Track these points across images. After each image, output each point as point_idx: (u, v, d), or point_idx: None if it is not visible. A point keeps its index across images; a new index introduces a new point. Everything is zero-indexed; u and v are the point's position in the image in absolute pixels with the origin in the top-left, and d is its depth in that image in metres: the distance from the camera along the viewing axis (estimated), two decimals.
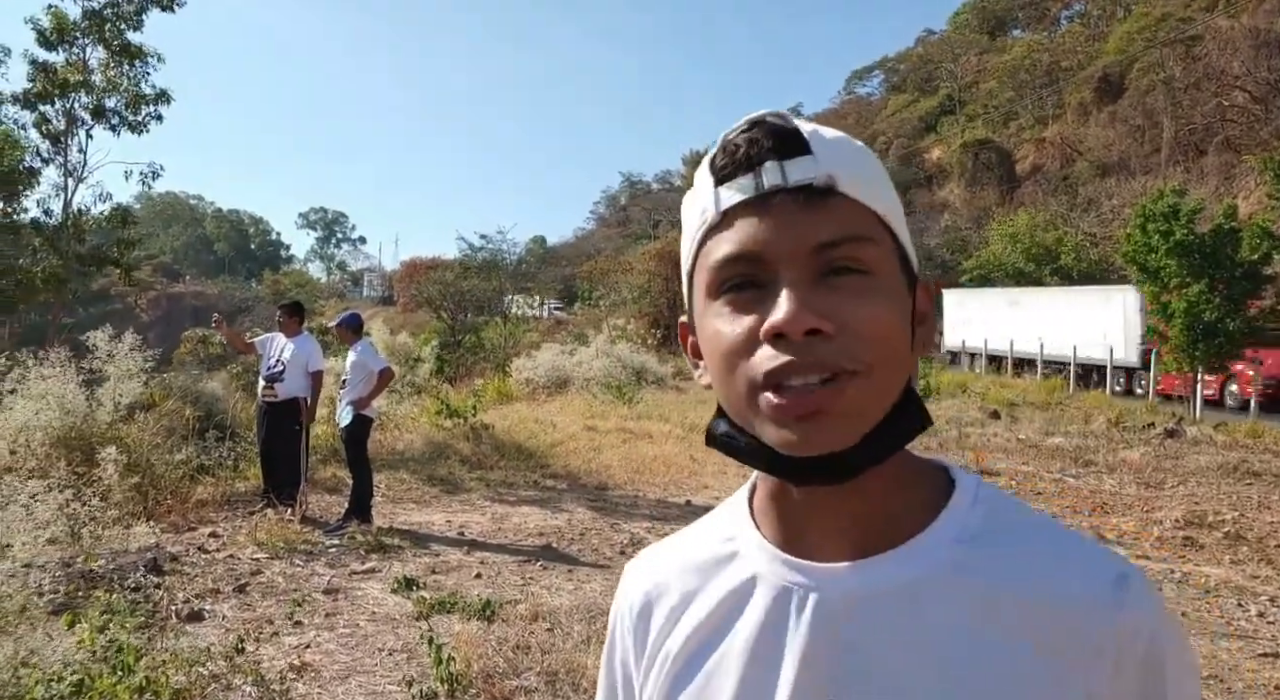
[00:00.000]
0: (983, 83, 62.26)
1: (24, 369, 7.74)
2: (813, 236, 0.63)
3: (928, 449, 11.55)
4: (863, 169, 0.67)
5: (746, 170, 0.65)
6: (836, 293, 0.63)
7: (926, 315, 0.71)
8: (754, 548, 0.73)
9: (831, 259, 0.63)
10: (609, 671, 0.83)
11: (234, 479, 8.38)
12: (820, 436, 0.62)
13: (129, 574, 5.28)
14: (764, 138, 0.65)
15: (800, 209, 0.64)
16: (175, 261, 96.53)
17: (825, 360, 0.61)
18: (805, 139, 0.65)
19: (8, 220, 14.57)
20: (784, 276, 0.63)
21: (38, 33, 15.16)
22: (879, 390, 0.64)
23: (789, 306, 0.61)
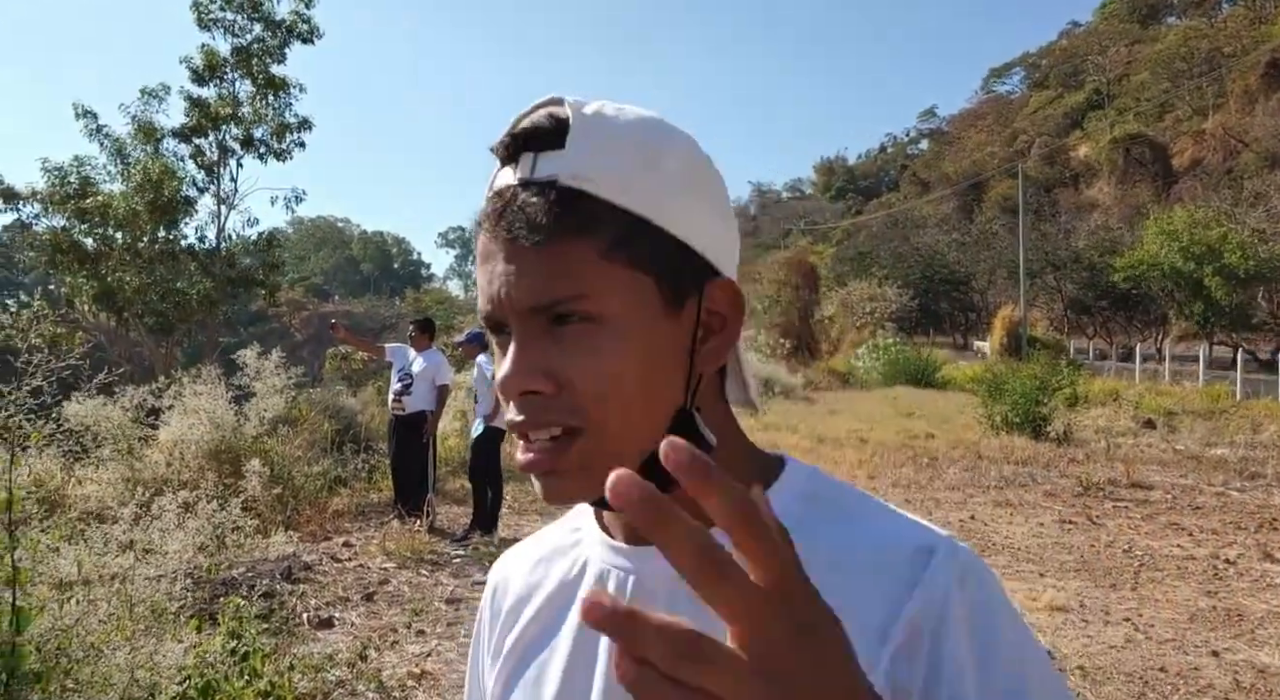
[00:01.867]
0: (1134, 74, 59.09)
1: (180, 387, 8.28)
2: (528, 297, 0.60)
3: (1073, 461, 10.95)
4: (634, 162, 0.62)
5: (509, 162, 0.63)
6: (560, 344, 0.61)
7: (723, 320, 0.65)
8: (590, 537, 0.73)
9: (553, 312, 0.60)
10: (470, 668, 0.84)
11: (368, 490, 8.71)
12: (557, 491, 0.62)
13: (265, 581, 5.53)
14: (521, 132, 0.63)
15: (520, 253, 0.60)
16: (325, 282, 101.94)
17: (549, 419, 0.61)
18: (568, 128, 0.61)
19: (168, 247, 15.72)
20: (513, 329, 0.62)
21: (191, 71, 16.33)
22: (611, 443, 0.61)
23: (506, 368, 0.62)
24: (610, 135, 0.62)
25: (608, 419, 0.61)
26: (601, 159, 0.61)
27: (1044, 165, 55.89)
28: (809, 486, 0.68)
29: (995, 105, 77.58)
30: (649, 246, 0.62)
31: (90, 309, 15.57)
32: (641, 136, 0.63)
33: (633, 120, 0.63)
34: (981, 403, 14.40)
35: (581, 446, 0.61)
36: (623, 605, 0.37)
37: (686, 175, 0.64)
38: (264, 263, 17.06)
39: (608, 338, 0.60)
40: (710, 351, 0.65)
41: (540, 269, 0.60)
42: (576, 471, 0.61)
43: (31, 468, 3.39)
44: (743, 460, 0.69)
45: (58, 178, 15.45)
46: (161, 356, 15.63)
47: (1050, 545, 7.09)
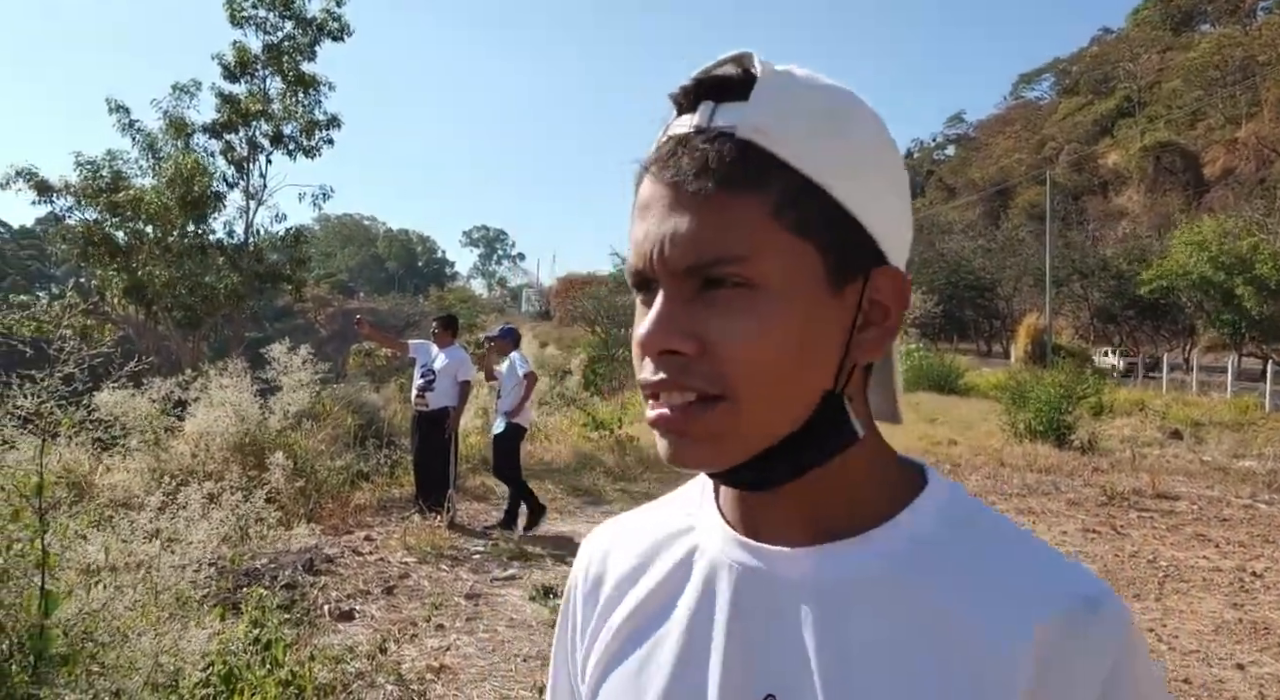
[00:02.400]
0: (1166, 82, 58.49)
1: (206, 380, 8.36)
2: (685, 255, 0.57)
3: (1097, 471, 10.84)
4: (818, 123, 0.58)
5: (687, 109, 0.60)
6: (711, 308, 0.58)
7: (885, 311, 0.62)
8: (709, 525, 0.69)
9: (708, 274, 0.57)
10: (559, 643, 0.79)
11: (390, 485, 8.77)
12: (685, 454, 0.59)
13: (287, 572, 5.58)
14: (706, 78, 0.60)
15: (686, 202, 0.57)
16: (350, 279, 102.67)
17: (688, 382, 0.58)
18: (754, 81, 0.58)
19: (197, 241, 15.90)
20: (662, 285, 0.59)
21: (223, 67, 16.51)
22: (749, 415, 0.58)
23: (647, 326, 0.58)
24: (797, 94, 0.59)
25: (751, 390, 0.57)
26: (784, 115, 0.58)
27: (1072, 172, 55.39)
28: (954, 505, 0.64)
29: (1024, 111, 77.01)
30: (819, 214, 0.58)
31: (120, 302, 15.76)
32: (829, 101, 0.60)
33: (823, 85, 0.60)
34: (1005, 410, 14.30)
35: (718, 414, 0.58)
36: None
37: (870, 149, 0.61)
38: (291, 258, 17.22)
39: (763, 305, 0.57)
40: (868, 341, 0.61)
41: (702, 222, 0.57)
42: (707, 438, 0.58)
43: (61, 455, 3.43)
44: (883, 465, 0.65)
45: (90, 171, 15.66)
46: (189, 350, 15.81)
47: (1072, 554, 7.01)
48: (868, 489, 0.63)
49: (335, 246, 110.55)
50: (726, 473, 0.61)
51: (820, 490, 0.62)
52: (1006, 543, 0.61)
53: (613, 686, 0.68)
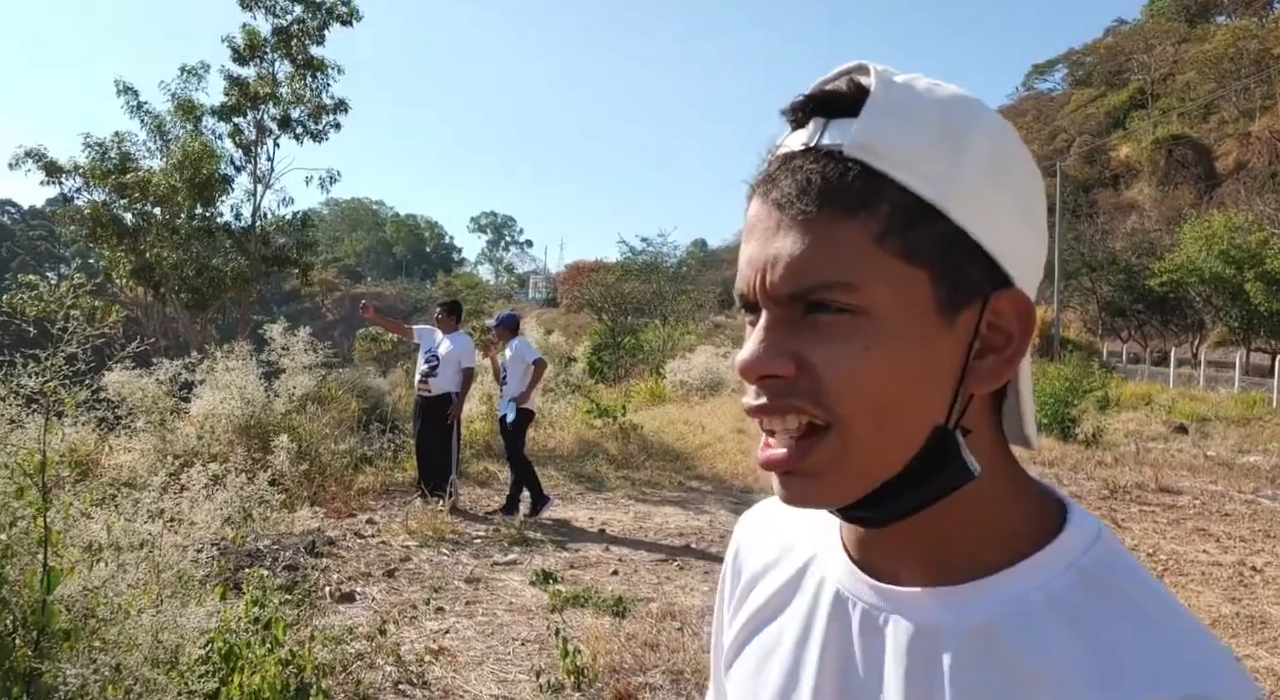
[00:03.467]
0: (1179, 74, 58.04)
1: (213, 362, 8.41)
2: (787, 283, 0.55)
3: (1100, 463, 10.84)
4: (933, 137, 0.55)
5: (798, 126, 0.59)
6: (814, 332, 0.56)
7: (1007, 338, 0.58)
8: (829, 545, 0.68)
9: (811, 299, 0.55)
10: (718, 602, 0.83)
11: (393, 469, 8.81)
12: (794, 494, 0.58)
13: (289, 554, 5.63)
14: (818, 93, 0.58)
15: (790, 225, 0.55)
16: (358, 263, 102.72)
17: (791, 403, 0.56)
18: (866, 95, 0.56)
19: (204, 224, 15.95)
20: (764, 310, 0.58)
21: (232, 49, 16.53)
22: (858, 447, 0.56)
23: (748, 350, 0.57)
24: (911, 108, 0.56)
25: (855, 418, 0.55)
26: (895, 132, 0.55)
27: (1083, 165, 55.09)
28: (1089, 557, 0.58)
29: (1036, 102, 76.49)
30: (931, 237, 0.55)
31: (128, 283, 15.82)
32: (947, 115, 0.56)
33: (942, 97, 0.57)
34: None
35: (828, 447, 0.56)
36: None
37: (993, 164, 0.56)
38: (298, 242, 17.27)
39: (867, 333, 0.55)
40: (986, 370, 0.58)
41: (804, 247, 0.55)
42: (817, 475, 0.57)
43: (65, 435, 3.46)
44: (1012, 502, 0.60)
45: (99, 153, 15.70)
46: (196, 332, 15.88)
47: None
48: (990, 528, 0.59)
49: (343, 231, 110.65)
50: (841, 511, 0.60)
51: (938, 528, 0.60)
52: (1135, 617, 0.55)
53: (736, 675, 0.72)
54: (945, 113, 0.56)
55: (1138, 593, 0.56)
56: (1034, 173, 0.60)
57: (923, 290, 0.55)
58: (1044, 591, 0.56)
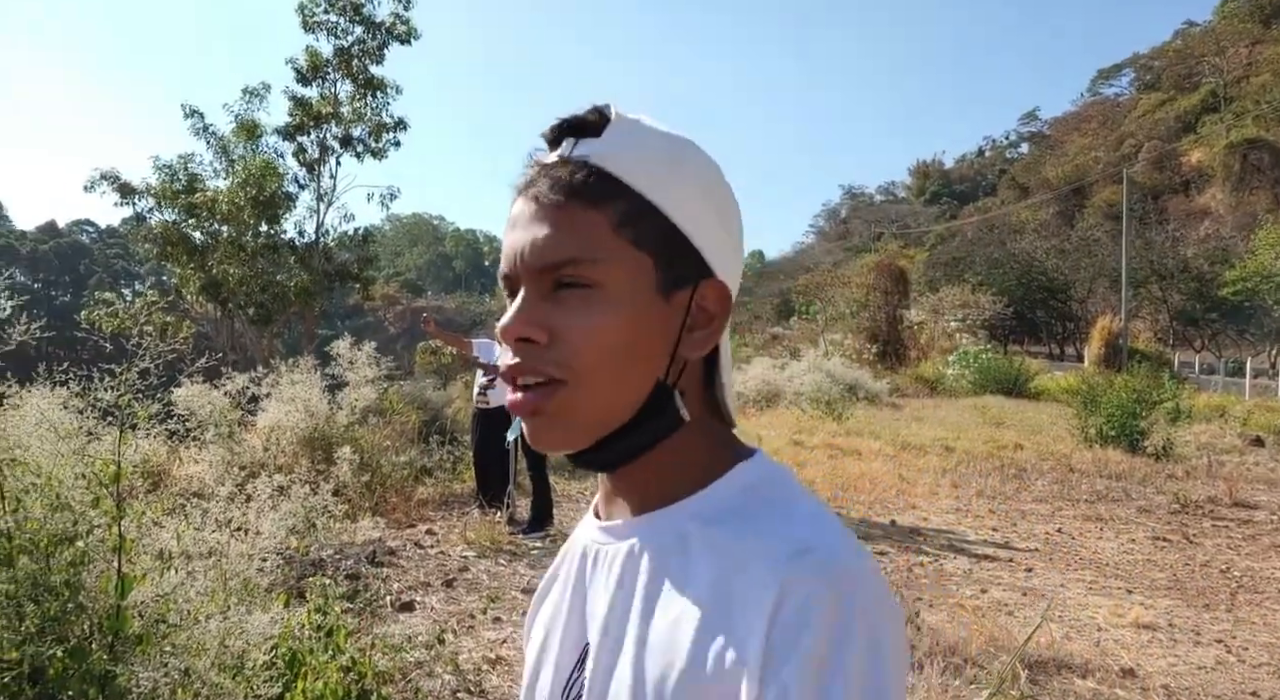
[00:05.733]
0: (1254, 76, 56.37)
1: (278, 375, 8.62)
2: (538, 258, 0.69)
3: (1171, 477, 10.52)
4: (656, 156, 0.70)
5: (552, 145, 0.73)
6: (559, 305, 0.69)
7: (709, 316, 0.72)
8: (586, 521, 0.82)
9: (557, 276, 0.69)
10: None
11: (452, 481, 8.93)
12: (539, 434, 0.71)
13: (351, 563, 5.74)
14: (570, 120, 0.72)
15: (545, 214, 0.69)
16: (418, 277, 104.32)
17: (537, 366, 0.69)
18: (606, 124, 0.71)
19: (269, 241, 16.37)
20: (523, 288, 0.71)
21: (296, 71, 16.97)
22: (591, 397, 0.69)
23: (508, 316, 0.70)
24: (642, 135, 0.71)
25: (588, 375, 0.68)
26: (630, 149, 0.70)
27: (1152, 170, 53.71)
28: (755, 481, 0.72)
29: (1101, 108, 74.84)
30: (654, 229, 0.70)
31: (197, 299, 16.30)
32: (669, 143, 0.72)
33: (666, 131, 0.73)
34: (1075, 414, 13.96)
35: (562, 396, 0.69)
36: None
37: (701, 184, 0.72)
38: (359, 258, 17.62)
39: (602, 303, 0.68)
40: (695, 341, 0.72)
41: (555, 230, 0.69)
42: (559, 415, 0.69)
43: (139, 446, 3.59)
44: (706, 450, 0.74)
45: (168, 175, 16.23)
46: (261, 346, 16.29)
47: (1141, 562, 6.84)
48: (689, 471, 0.73)
49: (404, 246, 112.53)
50: (577, 456, 0.73)
51: (649, 471, 0.73)
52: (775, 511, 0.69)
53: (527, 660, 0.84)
54: (667, 142, 0.72)
55: (779, 497, 0.70)
56: (734, 202, 0.76)
57: (646, 270, 0.70)
58: (707, 508, 0.71)
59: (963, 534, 7.64)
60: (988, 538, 7.56)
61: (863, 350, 27.68)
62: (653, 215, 0.70)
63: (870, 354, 27.82)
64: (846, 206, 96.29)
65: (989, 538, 7.56)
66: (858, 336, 29.28)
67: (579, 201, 0.69)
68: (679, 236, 0.71)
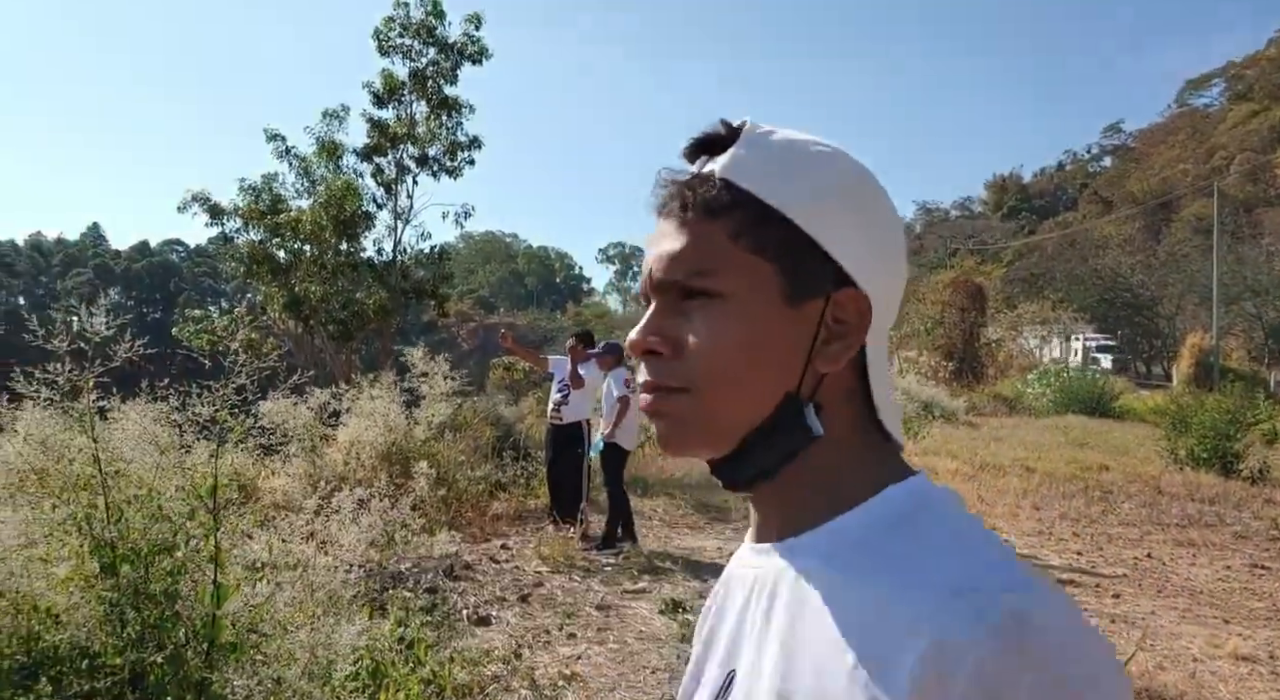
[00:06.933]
0: None
1: (358, 391, 8.83)
2: (662, 271, 0.70)
3: (1269, 501, 10.06)
4: (785, 165, 0.69)
5: (690, 163, 0.74)
6: (684, 317, 0.70)
7: (846, 329, 0.69)
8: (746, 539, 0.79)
9: (682, 288, 0.70)
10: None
11: (526, 496, 9.02)
12: (665, 435, 0.71)
13: (429, 577, 5.83)
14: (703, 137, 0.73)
15: (671, 229, 0.71)
16: (491, 295, 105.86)
17: (664, 380, 0.70)
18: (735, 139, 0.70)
19: (349, 259, 16.80)
20: (652, 300, 0.73)
21: (372, 94, 17.43)
22: (711, 406, 0.68)
23: (635, 331, 0.71)
24: (769, 143, 0.71)
25: (708, 384, 0.68)
26: (752, 158, 0.70)
27: (1245, 183, 51.76)
28: (908, 508, 0.66)
29: (1190, 119, 72.47)
30: (775, 237, 0.68)
31: (281, 316, 16.79)
32: (798, 149, 0.71)
33: (800, 138, 0.71)
34: (1164, 435, 13.47)
35: (683, 404, 0.69)
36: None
37: (840, 188, 0.69)
38: (435, 275, 17.97)
39: (723, 313, 0.68)
40: (830, 354, 0.69)
41: (678, 244, 0.70)
42: (678, 420, 0.69)
43: (232, 459, 3.71)
44: (857, 470, 0.69)
45: (253, 195, 16.81)
46: (341, 362, 16.69)
47: (1238, 590, 6.56)
48: (833, 490, 0.69)
49: (477, 263, 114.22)
50: (714, 469, 0.72)
51: (791, 491, 0.71)
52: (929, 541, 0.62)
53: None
54: (796, 148, 0.70)
55: (936, 523, 0.64)
56: (888, 209, 0.72)
57: (771, 280, 0.68)
58: (854, 534, 0.66)
59: (1045, 558, 7.43)
60: (1072, 562, 7.33)
61: (939, 367, 27.14)
62: (774, 222, 0.68)
63: (946, 371, 27.28)
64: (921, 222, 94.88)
65: (1073, 562, 7.34)
66: (933, 353, 28.72)
67: (700, 214, 0.69)
68: (806, 243, 0.68)
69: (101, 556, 2.87)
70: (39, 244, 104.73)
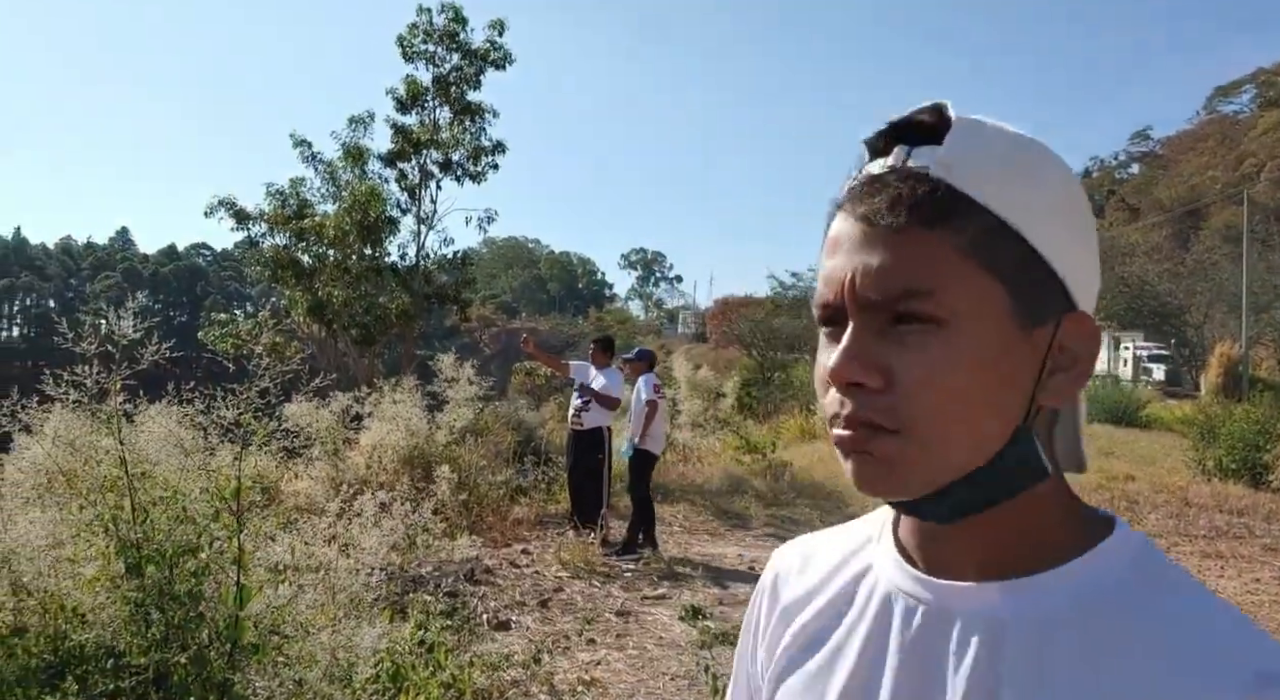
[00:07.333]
0: None
1: (380, 395, 8.89)
2: (873, 288, 0.59)
3: None
4: (1008, 166, 0.60)
5: (880, 154, 0.63)
6: (898, 343, 0.59)
7: (1074, 358, 0.62)
8: (884, 553, 0.71)
9: (896, 309, 0.59)
10: (743, 641, 0.84)
11: (547, 501, 9.04)
12: (866, 477, 0.60)
13: (449, 581, 5.85)
14: (901, 123, 0.63)
15: (879, 236, 0.59)
16: (514, 300, 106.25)
17: (868, 417, 0.59)
18: (946, 128, 0.60)
19: (373, 264, 16.96)
20: (852, 319, 0.61)
21: (396, 100, 17.60)
22: (926, 450, 0.59)
23: (837, 356, 0.60)
24: (989, 140, 0.60)
25: (927, 426, 0.58)
26: (977, 159, 0.59)
27: (1275, 190, 51.14)
28: (1143, 554, 0.62)
29: (1219, 126, 71.71)
30: (1009, 254, 0.59)
31: (305, 320, 16.95)
32: (1020, 148, 0.61)
33: (1014, 134, 0.62)
34: (1192, 445, 13.30)
35: (891, 446, 0.59)
36: None
37: (1060, 197, 0.61)
38: (457, 280, 18.08)
39: (949, 342, 0.58)
40: (1056, 387, 0.61)
41: (893, 255, 0.58)
42: (885, 461, 0.59)
43: (255, 462, 3.75)
44: (1065, 509, 0.64)
45: (279, 201, 16.99)
46: (364, 366, 16.82)
47: (1268, 604, 6.46)
48: (1049, 531, 0.63)
49: (500, 268, 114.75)
50: (910, 504, 0.62)
51: (998, 528, 0.63)
52: (1190, 606, 0.58)
53: (793, 685, 0.72)
54: (1018, 148, 0.61)
55: (1186, 587, 0.60)
56: (1090, 213, 0.65)
57: (1001, 302, 0.59)
58: (1099, 584, 0.60)
59: None
60: None
61: None
62: (1006, 237, 0.59)
63: None
64: None
65: None
66: None
67: (919, 222, 0.58)
68: (1038, 262, 0.60)
69: (127, 557, 2.90)
70: (69, 248, 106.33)
